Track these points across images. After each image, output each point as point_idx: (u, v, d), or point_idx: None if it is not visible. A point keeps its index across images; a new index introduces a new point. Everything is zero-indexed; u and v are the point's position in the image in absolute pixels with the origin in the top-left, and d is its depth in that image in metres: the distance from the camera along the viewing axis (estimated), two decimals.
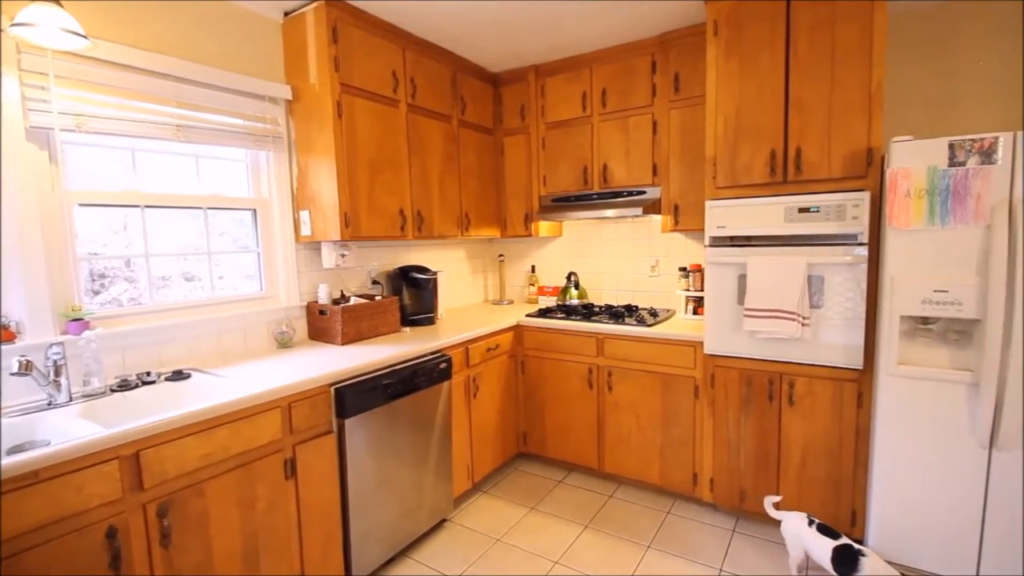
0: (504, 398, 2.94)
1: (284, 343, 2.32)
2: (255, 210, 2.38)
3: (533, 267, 3.69)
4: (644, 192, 2.86)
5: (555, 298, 3.47)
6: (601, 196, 2.99)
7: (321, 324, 2.43)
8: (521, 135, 3.27)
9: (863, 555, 1.74)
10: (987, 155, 1.73)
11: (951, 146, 1.77)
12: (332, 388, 1.91)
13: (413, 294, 2.84)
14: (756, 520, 2.47)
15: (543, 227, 3.37)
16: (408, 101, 2.63)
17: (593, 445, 2.85)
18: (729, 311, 2.35)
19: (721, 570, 2.14)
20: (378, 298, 2.60)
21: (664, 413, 2.60)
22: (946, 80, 2.41)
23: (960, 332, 1.85)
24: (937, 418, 1.86)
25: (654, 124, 2.80)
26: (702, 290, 2.70)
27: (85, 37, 1.63)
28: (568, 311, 3.07)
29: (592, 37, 2.76)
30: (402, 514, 2.20)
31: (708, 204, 2.36)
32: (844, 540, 1.81)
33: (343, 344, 2.35)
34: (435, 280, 2.91)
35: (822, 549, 1.82)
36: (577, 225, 3.50)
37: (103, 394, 1.70)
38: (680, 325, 2.67)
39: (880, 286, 1.98)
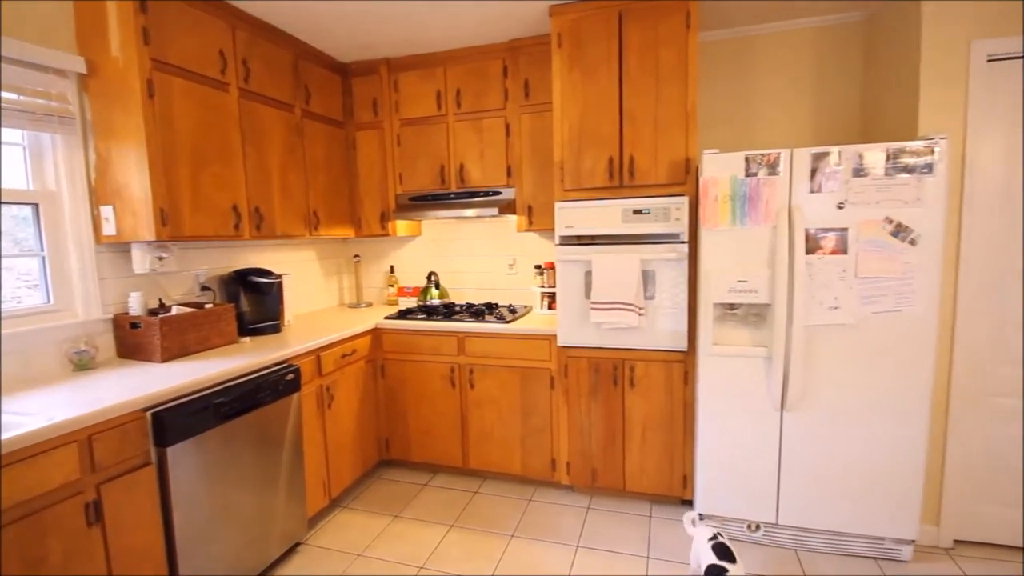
0: (362, 405, 2.80)
1: (83, 365, 1.94)
2: (37, 205, 1.95)
3: (392, 267, 3.58)
4: (500, 193, 2.93)
5: (416, 299, 3.40)
6: (459, 196, 3.00)
7: (134, 339, 2.07)
8: (374, 130, 3.15)
9: (725, 571, 1.79)
10: (772, 167, 2.07)
11: (747, 159, 2.10)
12: (148, 413, 1.64)
13: (253, 300, 2.56)
14: (608, 496, 2.69)
15: (401, 226, 3.28)
16: (240, 85, 2.37)
17: (457, 444, 2.85)
18: (578, 305, 2.52)
19: (578, 546, 2.29)
20: (208, 306, 2.30)
21: (523, 405, 2.70)
22: (749, 101, 2.84)
23: (757, 315, 2.21)
24: (743, 388, 2.19)
25: (507, 127, 2.89)
26: (555, 286, 2.85)
27: None
28: (429, 311, 3.04)
29: (444, 34, 2.75)
30: (246, 545, 1.97)
31: (557, 205, 2.50)
32: (723, 563, 1.80)
33: (163, 361, 2.03)
34: (280, 284, 2.67)
35: (703, 564, 1.86)
36: (436, 224, 3.47)
37: None
38: (536, 320, 2.80)
39: (698, 278, 2.27)
